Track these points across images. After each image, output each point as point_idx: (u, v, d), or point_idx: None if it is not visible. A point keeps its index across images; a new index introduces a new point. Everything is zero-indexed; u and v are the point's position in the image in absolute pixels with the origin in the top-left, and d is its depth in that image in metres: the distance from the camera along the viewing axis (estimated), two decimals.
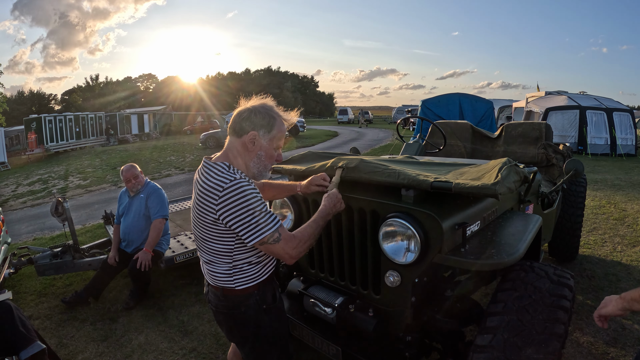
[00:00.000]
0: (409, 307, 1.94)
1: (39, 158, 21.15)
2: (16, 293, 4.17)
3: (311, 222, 1.73)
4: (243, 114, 1.66)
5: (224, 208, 1.53)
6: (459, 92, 13.44)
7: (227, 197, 1.53)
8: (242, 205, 1.53)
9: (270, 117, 1.66)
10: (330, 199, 1.83)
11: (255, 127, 1.64)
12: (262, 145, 1.66)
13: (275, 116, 1.68)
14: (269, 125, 1.65)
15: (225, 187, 1.54)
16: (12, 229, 7.05)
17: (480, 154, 4.57)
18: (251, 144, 1.65)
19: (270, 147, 1.69)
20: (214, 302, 1.76)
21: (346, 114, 47.24)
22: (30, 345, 2.34)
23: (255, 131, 1.64)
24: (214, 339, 3.21)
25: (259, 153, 1.67)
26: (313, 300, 2.18)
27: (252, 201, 1.54)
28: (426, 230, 1.80)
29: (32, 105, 62.84)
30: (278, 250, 1.60)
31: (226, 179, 1.56)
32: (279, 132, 1.69)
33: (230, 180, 1.55)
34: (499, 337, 1.62)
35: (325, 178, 2.00)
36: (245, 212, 1.53)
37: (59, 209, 4.32)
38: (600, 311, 1.52)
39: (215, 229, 1.60)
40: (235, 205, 1.53)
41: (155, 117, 36.92)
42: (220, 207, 1.54)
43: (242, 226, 1.54)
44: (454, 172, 2.10)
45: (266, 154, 1.69)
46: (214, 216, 1.57)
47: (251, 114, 1.64)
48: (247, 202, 1.53)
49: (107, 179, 12.33)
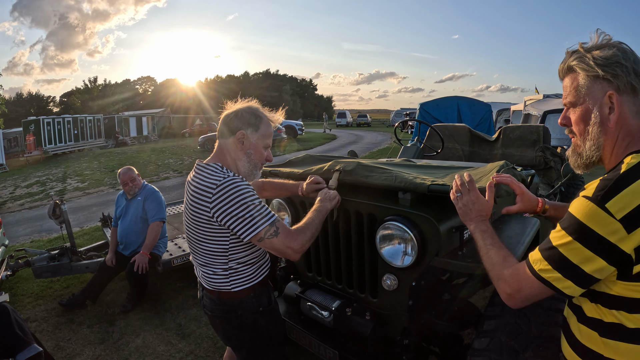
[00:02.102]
0: (406, 310, 1.94)
1: (37, 160, 21.14)
2: (13, 295, 4.16)
3: (309, 214, 1.76)
4: (230, 115, 1.70)
5: (217, 205, 1.54)
6: (458, 95, 13.46)
7: (220, 194, 1.54)
8: (235, 200, 1.54)
9: (256, 116, 1.70)
10: (323, 194, 1.87)
11: (243, 127, 1.68)
12: (251, 143, 1.69)
13: (262, 116, 1.72)
14: (256, 124, 1.69)
15: (219, 184, 1.55)
16: (10, 231, 7.03)
17: (478, 157, 4.57)
18: (240, 143, 1.68)
19: (259, 146, 1.72)
20: (210, 307, 1.76)
21: (344, 117, 47.31)
22: (27, 347, 2.34)
23: (243, 130, 1.67)
24: (212, 342, 3.20)
25: (248, 151, 1.70)
26: (310, 304, 2.18)
27: (245, 196, 1.55)
28: (423, 233, 1.80)
29: (31, 107, 62.92)
30: (279, 245, 1.59)
31: (220, 177, 1.58)
32: (267, 130, 1.73)
33: (223, 178, 1.57)
34: (497, 340, 1.61)
35: (320, 181, 2.03)
36: (238, 207, 1.54)
37: (56, 212, 4.31)
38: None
39: (209, 228, 1.60)
40: (229, 201, 1.53)
41: (154, 119, 36.95)
42: (214, 204, 1.54)
43: (237, 222, 1.54)
44: (452, 175, 2.10)
45: (255, 152, 1.71)
46: (207, 215, 1.57)
47: (238, 115, 1.69)
48: (240, 197, 1.54)
49: (105, 181, 12.32)
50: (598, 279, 1.01)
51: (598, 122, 1.08)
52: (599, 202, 0.97)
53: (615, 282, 1.01)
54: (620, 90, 1.03)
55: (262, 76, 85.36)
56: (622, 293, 1.01)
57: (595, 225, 0.97)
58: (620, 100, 1.04)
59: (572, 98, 1.12)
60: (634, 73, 1.02)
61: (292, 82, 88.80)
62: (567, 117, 1.16)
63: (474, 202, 1.38)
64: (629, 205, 0.94)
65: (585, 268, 1.00)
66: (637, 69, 1.02)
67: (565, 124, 1.17)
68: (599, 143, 1.09)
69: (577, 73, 1.10)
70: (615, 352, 1.05)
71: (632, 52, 1.04)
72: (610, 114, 1.05)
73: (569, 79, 1.13)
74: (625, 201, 0.94)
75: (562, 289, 1.04)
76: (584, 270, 1.00)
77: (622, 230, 0.94)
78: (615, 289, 1.02)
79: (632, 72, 1.02)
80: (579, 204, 1.02)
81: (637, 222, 0.93)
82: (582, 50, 1.09)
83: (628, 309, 1.01)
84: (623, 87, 1.03)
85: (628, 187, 0.95)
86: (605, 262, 0.97)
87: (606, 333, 1.06)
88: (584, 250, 0.99)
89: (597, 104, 1.07)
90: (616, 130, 1.06)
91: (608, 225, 0.95)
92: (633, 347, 1.02)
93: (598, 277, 1.00)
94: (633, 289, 0.99)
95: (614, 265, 0.97)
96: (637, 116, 1.05)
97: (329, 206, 1.84)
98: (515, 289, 1.14)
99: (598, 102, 1.07)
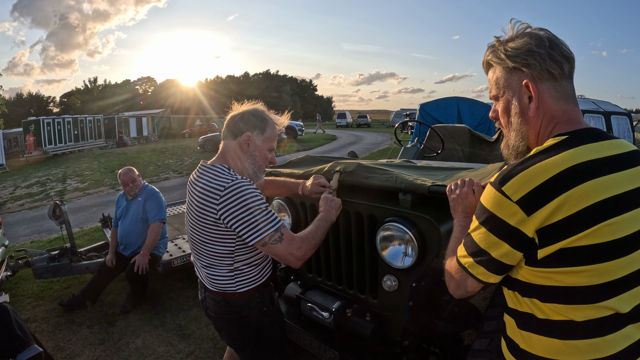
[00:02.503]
0: (406, 311, 1.94)
1: (37, 160, 21.13)
2: (13, 296, 4.16)
3: (314, 222, 1.75)
4: (236, 117, 1.71)
5: (225, 207, 1.54)
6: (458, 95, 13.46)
7: (228, 196, 1.54)
8: (243, 204, 1.54)
9: (262, 119, 1.71)
10: (327, 202, 1.85)
11: (249, 129, 1.68)
12: (256, 145, 1.70)
13: (267, 118, 1.73)
14: (262, 126, 1.70)
15: (227, 187, 1.55)
16: (10, 232, 7.02)
17: (478, 157, 4.58)
18: (245, 145, 1.68)
19: (264, 148, 1.72)
20: (213, 308, 1.76)
21: (344, 118, 47.34)
22: (27, 348, 2.34)
23: (249, 132, 1.68)
24: (212, 343, 3.20)
25: (253, 154, 1.70)
26: (310, 305, 2.18)
27: (252, 200, 1.56)
28: (424, 234, 1.80)
29: (31, 107, 62.85)
30: (281, 252, 1.59)
31: (227, 179, 1.58)
32: (272, 133, 1.74)
33: (231, 181, 1.57)
34: (497, 341, 1.61)
35: (326, 185, 2.02)
36: (245, 211, 1.54)
37: (56, 212, 4.31)
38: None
39: (216, 230, 1.60)
40: (237, 204, 1.54)
41: (154, 120, 36.93)
42: (222, 207, 1.55)
43: (243, 225, 1.55)
44: (452, 178, 2.11)
45: (260, 154, 1.72)
46: (214, 217, 1.57)
47: (244, 117, 1.69)
48: (248, 201, 1.55)
49: (105, 182, 12.32)
50: (509, 265, 1.00)
51: (519, 112, 1.08)
52: (497, 186, 0.97)
53: (523, 267, 0.99)
54: (536, 78, 1.02)
55: (262, 77, 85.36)
56: (530, 279, 0.99)
57: (495, 209, 0.97)
58: (538, 88, 1.03)
59: (494, 91, 1.13)
60: (550, 59, 1.00)
61: (292, 83, 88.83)
62: (495, 110, 1.16)
63: (463, 198, 1.39)
64: (525, 187, 0.92)
65: (492, 253, 0.99)
66: (554, 54, 1.00)
67: (494, 117, 1.17)
68: (522, 132, 1.09)
69: (494, 67, 1.11)
70: (528, 344, 1.03)
71: (550, 38, 1.02)
72: (530, 103, 1.04)
73: (490, 72, 1.14)
74: (522, 182, 0.93)
75: (477, 275, 1.04)
76: (491, 255, 1.00)
77: (520, 212, 0.93)
78: (523, 274, 1.00)
79: (548, 58, 1.00)
80: (485, 190, 1.03)
81: (535, 204, 0.91)
82: (497, 43, 1.09)
83: (540, 297, 0.99)
84: (538, 75, 1.02)
85: (527, 169, 0.94)
86: (509, 246, 0.97)
87: (520, 323, 1.05)
88: (489, 234, 0.99)
89: (515, 95, 1.07)
90: (538, 117, 1.05)
91: (505, 207, 0.95)
92: (543, 339, 0.99)
93: (507, 262, 0.99)
94: (540, 275, 0.97)
95: (519, 249, 0.96)
96: (559, 101, 1.04)
97: (334, 216, 1.83)
98: (449, 277, 1.15)
99: (516, 93, 1.07)
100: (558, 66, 1.01)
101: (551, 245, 0.93)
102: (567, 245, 0.91)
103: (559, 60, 1.01)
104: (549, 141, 1.01)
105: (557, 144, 0.98)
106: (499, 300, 1.79)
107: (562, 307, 0.96)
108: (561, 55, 1.01)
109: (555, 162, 0.93)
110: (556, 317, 0.97)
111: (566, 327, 0.96)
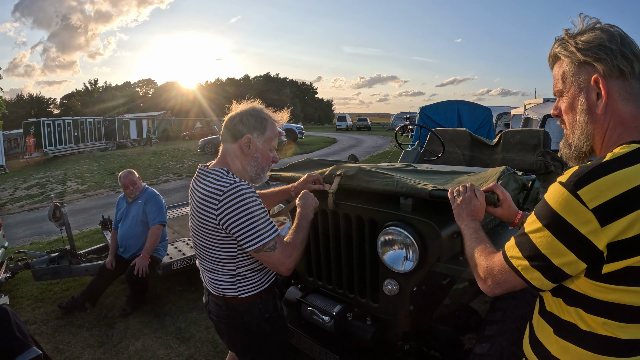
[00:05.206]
0: (407, 315, 1.94)
1: (37, 162, 21.13)
2: (13, 298, 4.15)
3: (296, 228, 1.73)
4: (234, 119, 1.67)
5: (224, 212, 1.53)
6: (458, 99, 13.49)
7: (227, 200, 1.53)
8: (242, 209, 1.53)
9: (262, 119, 1.68)
10: (303, 199, 1.84)
11: (249, 131, 1.65)
12: (257, 147, 1.67)
13: (267, 117, 1.70)
14: (261, 127, 1.67)
15: (226, 190, 1.54)
16: (10, 233, 7.02)
17: (478, 161, 4.58)
18: (247, 147, 1.66)
19: (266, 149, 1.70)
20: (216, 312, 1.75)
21: (344, 121, 47.39)
22: (26, 350, 2.33)
23: (250, 134, 1.65)
24: (212, 346, 3.19)
25: (255, 156, 1.68)
26: (311, 309, 2.18)
27: (251, 206, 1.54)
28: (424, 238, 1.80)
29: (31, 109, 62.90)
30: (274, 260, 1.59)
31: (226, 183, 1.56)
32: (272, 132, 1.71)
33: (230, 184, 1.55)
34: (497, 345, 1.62)
35: (316, 179, 2.02)
36: (244, 217, 1.53)
37: (56, 214, 4.31)
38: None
39: (217, 236, 1.59)
40: (235, 209, 1.52)
41: (154, 122, 36.95)
42: (221, 211, 1.53)
43: (241, 231, 1.54)
44: (453, 182, 2.11)
45: (262, 155, 1.70)
46: (214, 222, 1.56)
47: (243, 118, 1.66)
48: (247, 206, 1.53)
49: (105, 184, 12.32)
50: (568, 275, 0.94)
51: (585, 109, 1.01)
52: (572, 188, 0.89)
53: (581, 278, 0.94)
54: (607, 75, 0.96)
55: (262, 79, 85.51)
56: (587, 292, 0.95)
57: (566, 213, 0.89)
58: (608, 85, 0.97)
59: (560, 86, 1.07)
60: (622, 56, 0.95)
61: (292, 86, 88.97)
62: (558, 107, 1.11)
63: (467, 202, 1.38)
64: (604, 195, 0.85)
65: (554, 260, 0.93)
66: (626, 51, 0.95)
67: (557, 114, 1.11)
68: (587, 131, 1.02)
69: (562, 60, 1.06)
70: (563, 352, 1.00)
71: (621, 35, 0.97)
72: (598, 100, 0.98)
73: (556, 67, 1.08)
74: (601, 189, 0.86)
75: (530, 280, 0.98)
76: (552, 262, 0.93)
77: (594, 221, 0.86)
78: (580, 285, 0.95)
79: (620, 55, 0.95)
80: (552, 190, 0.95)
81: (612, 215, 0.85)
82: (567, 36, 1.04)
83: (586, 308, 0.95)
84: (609, 71, 0.96)
85: (607, 175, 0.87)
86: (575, 256, 0.90)
87: (560, 331, 1.02)
88: (554, 240, 0.92)
89: (583, 90, 1.01)
90: (606, 117, 0.99)
91: (579, 214, 0.87)
92: (581, 351, 0.97)
93: (568, 271, 0.93)
94: (598, 289, 0.92)
95: (585, 261, 0.90)
96: (628, 103, 0.97)
97: (312, 213, 1.81)
98: (488, 273, 1.10)
99: (584, 88, 1.00)
100: (629, 64, 0.95)
101: (619, 262, 0.88)
102: (635, 264, 0.87)
103: (630, 57, 0.96)
104: (624, 147, 0.93)
105: (634, 153, 0.91)
106: (500, 305, 1.79)
107: (613, 323, 0.93)
108: (632, 53, 0.96)
109: (636, 172, 0.87)
110: (602, 331, 0.94)
111: (609, 343, 0.94)
